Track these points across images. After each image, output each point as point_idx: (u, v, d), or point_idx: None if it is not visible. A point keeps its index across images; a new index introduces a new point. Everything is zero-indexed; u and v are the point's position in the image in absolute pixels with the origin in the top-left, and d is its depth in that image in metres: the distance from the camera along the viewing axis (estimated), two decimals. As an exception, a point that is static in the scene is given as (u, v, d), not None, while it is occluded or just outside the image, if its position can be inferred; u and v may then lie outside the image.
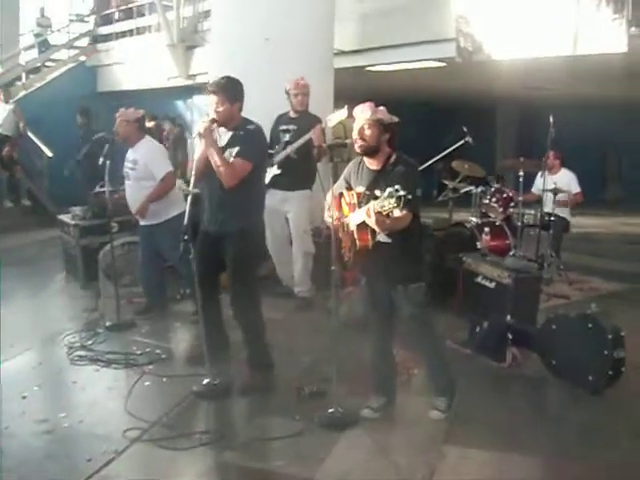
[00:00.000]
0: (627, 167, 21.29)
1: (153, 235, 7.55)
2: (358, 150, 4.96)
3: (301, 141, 7.66)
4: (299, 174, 7.77)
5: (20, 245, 12.08)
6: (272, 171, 7.76)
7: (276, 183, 7.78)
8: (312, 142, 7.60)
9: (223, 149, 5.64)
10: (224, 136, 5.78)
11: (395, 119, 4.97)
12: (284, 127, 7.98)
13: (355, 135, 4.92)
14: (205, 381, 5.76)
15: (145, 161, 7.36)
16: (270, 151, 7.50)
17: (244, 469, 4.70)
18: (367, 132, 4.86)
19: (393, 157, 4.95)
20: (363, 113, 4.91)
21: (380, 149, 4.92)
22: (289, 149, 7.76)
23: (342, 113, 7.06)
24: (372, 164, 5.00)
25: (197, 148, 5.64)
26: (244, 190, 5.60)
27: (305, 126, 7.69)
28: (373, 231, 4.77)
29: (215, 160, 5.49)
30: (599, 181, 20.17)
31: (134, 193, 7.48)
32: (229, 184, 5.54)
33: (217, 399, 5.72)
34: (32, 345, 7.06)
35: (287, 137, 7.89)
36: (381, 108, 4.96)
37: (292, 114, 8.01)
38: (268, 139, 7.05)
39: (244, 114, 5.81)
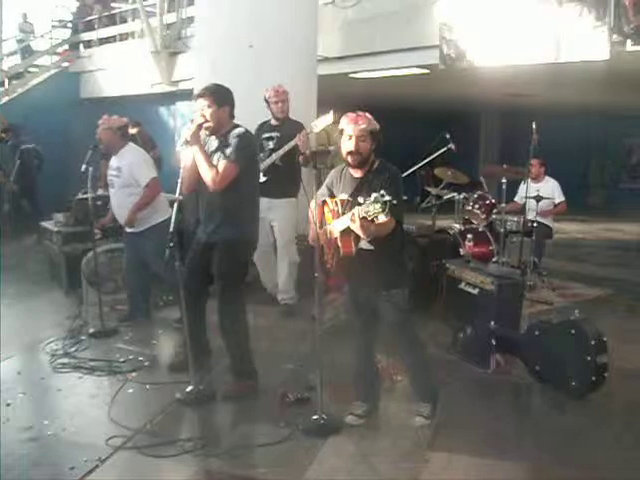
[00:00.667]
0: (610, 173, 21.44)
1: (138, 242, 7.54)
2: (352, 163, 4.91)
3: (286, 148, 7.62)
4: (284, 182, 7.74)
5: (2, 252, 12.00)
6: None
7: (261, 191, 7.74)
8: (296, 149, 7.59)
9: (211, 154, 5.64)
10: (213, 142, 5.77)
11: (377, 126, 4.98)
12: (267, 135, 7.94)
13: (351, 147, 4.86)
14: (189, 388, 5.75)
15: (129, 168, 7.34)
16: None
17: (228, 476, 4.68)
18: (362, 144, 4.84)
19: (376, 164, 4.95)
20: (358, 125, 4.86)
21: (369, 158, 4.93)
22: (274, 156, 7.73)
23: (328, 118, 7.05)
24: (355, 172, 4.99)
25: (184, 155, 5.60)
26: (233, 198, 5.57)
27: (288, 133, 7.67)
28: (356, 238, 4.77)
29: (200, 163, 5.48)
30: (582, 187, 20.29)
31: (119, 200, 7.47)
32: (213, 187, 5.52)
33: (201, 406, 5.71)
34: (15, 352, 7.03)
35: (271, 145, 7.85)
36: (368, 115, 4.96)
37: (274, 121, 8.00)
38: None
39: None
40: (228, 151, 5.56)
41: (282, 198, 7.91)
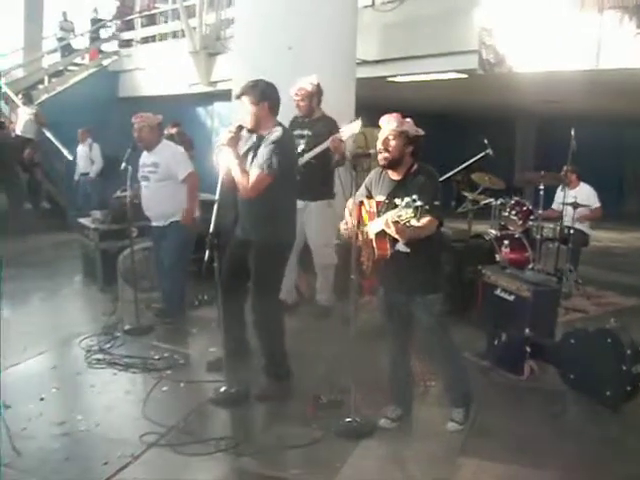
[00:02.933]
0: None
1: (161, 236, 7.64)
2: (381, 162, 4.95)
3: (317, 150, 7.49)
4: (318, 183, 7.63)
5: (39, 247, 12.14)
6: None
7: None
8: (329, 150, 7.46)
9: (248, 151, 5.67)
10: (251, 138, 5.77)
11: (420, 132, 4.97)
12: (299, 132, 7.70)
13: (379, 145, 4.92)
14: (222, 389, 5.78)
15: (167, 163, 7.43)
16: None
17: (260, 476, 4.71)
18: (391, 143, 4.85)
19: (414, 167, 4.95)
20: (389, 124, 4.91)
21: (403, 160, 4.92)
22: (306, 157, 7.55)
23: (355, 126, 7.00)
24: (393, 174, 5.00)
25: (222, 156, 5.61)
26: (269, 199, 5.56)
27: (321, 132, 7.53)
28: (392, 240, 4.76)
29: (234, 168, 5.50)
30: (618, 195, 20.12)
31: (152, 195, 7.51)
32: (246, 195, 5.57)
33: (234, 406, 5.73)
34: (50, 347, 7.11)
35: (302, 143, 7.63)
36: (408, 120, 4.96)
37: (305, 118, 7.79)
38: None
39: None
40: (263, 158, 5.51)
41: (317, 200, 7.75)
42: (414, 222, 4.34)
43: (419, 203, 4.26)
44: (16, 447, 4.80)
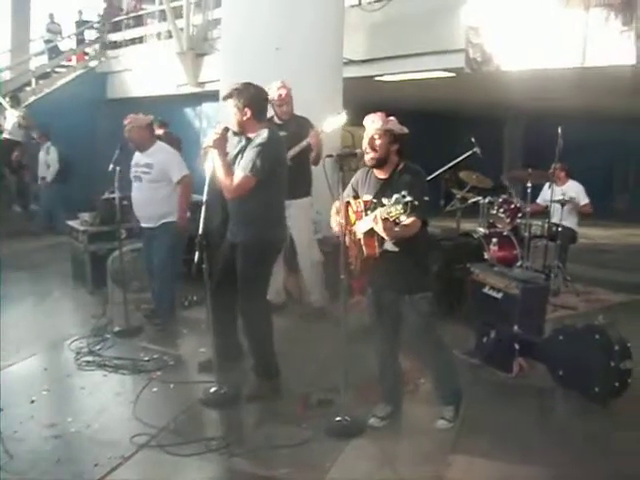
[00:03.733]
0: (634, 178, 21.28)
1: (151, 237, 7.61)
2: (368, 162, 4.96)
3: (297, 149, 7.45)
4: (297, 181, 7.45)
5: (28, 250, 12.12)
6: None
7: None
8: (307, 147, 7.50)
9: (236, 155, 5.69)
10: (240, 142, 5.81)
11: (405, 130, 4.98)
12: None
13: (365, 145, 4.93)
14: (212, 389, 5.78)
15: (162, 164, 7.38)
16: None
17: (250, 476, 4.71)
18: (377, 142, 4.87)
19: (400, 166, 4.97)
20: (374, 123, 4.92)
21: (389, 159, 4.93)
22: (290, 154, 7.23)
23: (340, 119, 7.00)
24: (380, 173, 5.01)
25: (209, 158, 5.62)
26: (255, 201, 5.60)
27: (296, 131, 7.53)
28: (380, 239, 4.77)
29: (218, 169, 5.53)
30: (606, 192, 20.14)
31: (143, 196, 7.47)
32: (228, 196, 5.63)
33: (224, 406, 5.74)
34: (40, 350, 7.10)
35: None
36: (391, 118, 4.98)
37: (277, 120, 7.69)
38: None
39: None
40: (247, 161, 5.53)
41: (297, 199, 7.65)
42: (403, 218, 4.35)
43: (409, 199, 4.27)
44: (7, 450, 4.81)
